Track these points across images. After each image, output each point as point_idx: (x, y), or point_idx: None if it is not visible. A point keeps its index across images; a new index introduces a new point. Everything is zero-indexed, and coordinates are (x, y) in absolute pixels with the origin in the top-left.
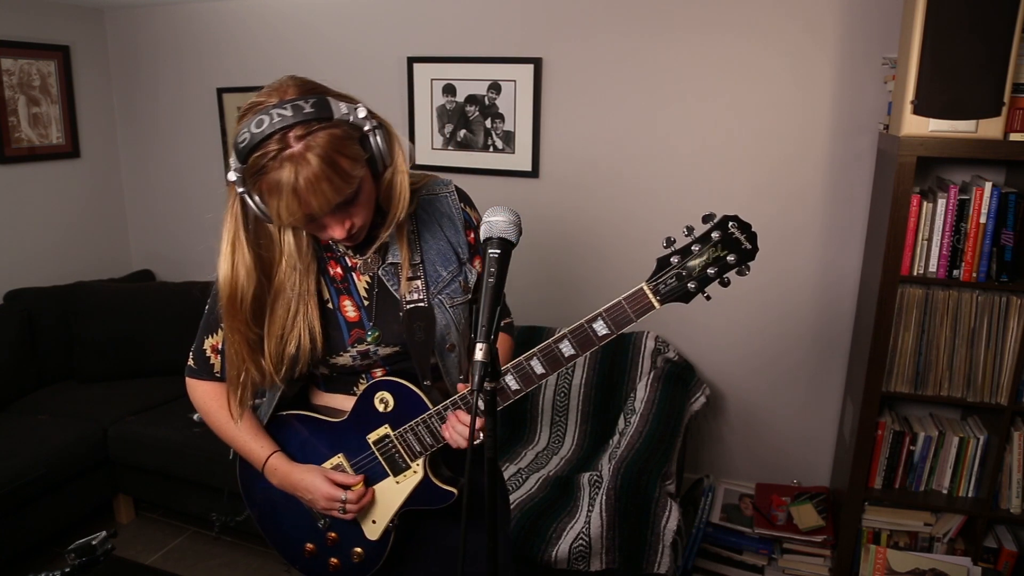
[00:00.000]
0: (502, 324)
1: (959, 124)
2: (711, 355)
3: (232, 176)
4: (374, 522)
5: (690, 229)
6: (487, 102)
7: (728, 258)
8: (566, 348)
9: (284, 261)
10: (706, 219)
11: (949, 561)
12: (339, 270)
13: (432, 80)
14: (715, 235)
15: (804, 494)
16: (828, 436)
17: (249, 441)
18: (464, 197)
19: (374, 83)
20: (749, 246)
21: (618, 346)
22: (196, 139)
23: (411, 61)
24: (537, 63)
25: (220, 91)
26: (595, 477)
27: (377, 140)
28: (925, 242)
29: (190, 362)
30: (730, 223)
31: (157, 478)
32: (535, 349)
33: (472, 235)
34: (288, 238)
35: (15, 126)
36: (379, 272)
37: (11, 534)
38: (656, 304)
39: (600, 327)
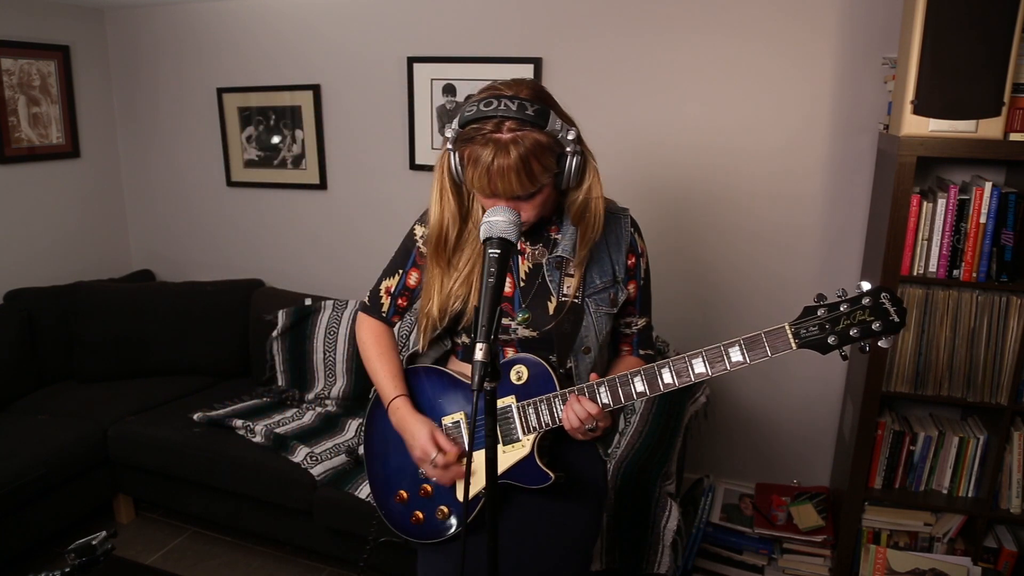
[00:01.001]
0: (642, 353)
1: (959, 124)
2: None
3: (448, 133)
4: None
5: (844, 292)
6: None
7: (873, 325)
8: (698, 365)
9: (471, 222)
10: (859, 286)
11: (949, 561)
12: None
13: (432, 80)
14: (866, 300)
15: (804, 494)
16: (828, 436)
17: (387, 379)
18: (635, 224)
19: (374, 83)
20: (897, 319)
21: None
22: (196, 139)
23: (411, 61)
24: (537, 63)
25: (220, 91)
26: None
27: (571, 163)
28: (925, 242)
29: (365, 299)
30: (883, 294)
31: (157, 478)
32: (667, 360)
33: (633, 260)
34: (477, 203)
35: (15, 126)
36: (544, 262)
37: (11, 534)
38: (793, 345)
39: (735, 352)
